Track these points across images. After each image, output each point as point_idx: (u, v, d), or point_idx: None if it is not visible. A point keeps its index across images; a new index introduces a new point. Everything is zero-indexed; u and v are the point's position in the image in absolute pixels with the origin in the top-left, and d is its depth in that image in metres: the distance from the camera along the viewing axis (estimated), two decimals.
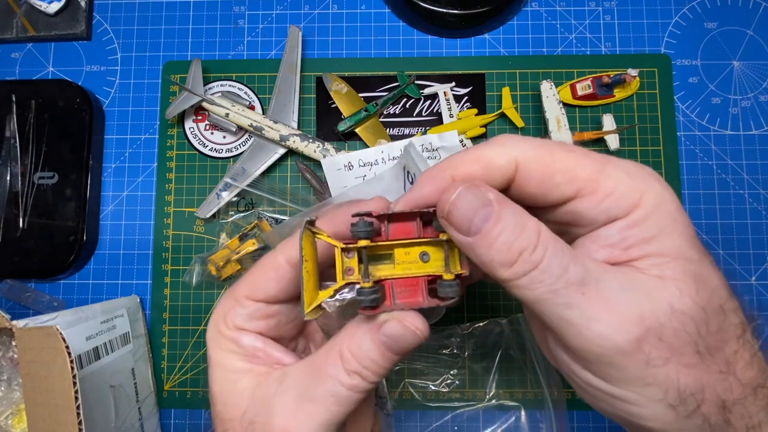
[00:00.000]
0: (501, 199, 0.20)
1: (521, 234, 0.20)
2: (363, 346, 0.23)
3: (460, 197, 0.21)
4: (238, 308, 0.26)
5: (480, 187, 0.21)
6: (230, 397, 0.25)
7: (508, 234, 0.20)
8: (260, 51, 0.52)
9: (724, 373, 0.19)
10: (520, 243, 0.20)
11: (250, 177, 0.48)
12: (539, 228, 0.20)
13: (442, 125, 0.49)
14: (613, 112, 0.49)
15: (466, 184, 0.21)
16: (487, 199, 0.20)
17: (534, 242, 0.20)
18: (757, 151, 0.49)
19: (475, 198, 0.20)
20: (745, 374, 0.20)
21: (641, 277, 0.20)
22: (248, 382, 0.25)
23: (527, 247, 0.20)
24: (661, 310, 0.19)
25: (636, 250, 0.21)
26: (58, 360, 0.32)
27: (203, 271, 0.47)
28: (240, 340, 0.26)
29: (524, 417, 0.46)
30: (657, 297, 0.19)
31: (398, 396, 0.47)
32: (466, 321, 0.47)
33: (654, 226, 0.21)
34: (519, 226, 0.20)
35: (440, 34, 0.52)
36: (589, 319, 0.19)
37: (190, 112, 0.51)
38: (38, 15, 0.52)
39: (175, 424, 0.48)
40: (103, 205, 0.50)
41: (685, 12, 0.51)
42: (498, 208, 0.20)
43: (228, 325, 0.26)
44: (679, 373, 0.19)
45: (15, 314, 0.48)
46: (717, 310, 0.20)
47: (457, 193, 0.21)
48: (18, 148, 0.49)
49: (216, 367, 0.26)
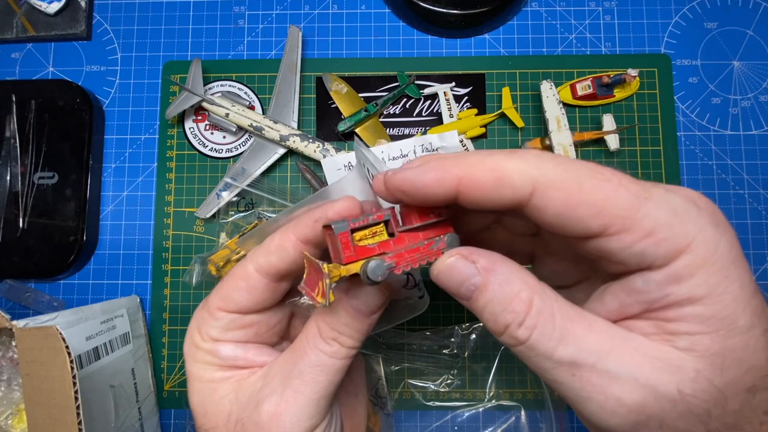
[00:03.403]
0: (489, 268, 0.20)
1: (507, 307, 0.19)
2: (335, 314, 0.24)
3: (448, 267, 0.20)
4: (212, 320, 0.26)
5: (469, 256, 0.20)
6: (210, 407, 0.25)
7: (494, 306, 0.19)
8: (260, 51, 0.52)
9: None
10: (505, 318, 0.19)
11: (250, 177, 0.48)
12: (530, 301, 0.19)
13: (442, 125, 0.49)
14: (613, 112, 0.49)
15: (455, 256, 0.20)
16: (473, 270, 0.20)
17: (520, 318, 0.19)
18: (757, 151, 0.49)
19: (460, 270, 0.20)
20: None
21: (659, 349, 0.18)
22: (228, 388, 0.25)
23: (512, 322, 0.19)
24: (668, 396, 0.17)
25: (674, 311, 0.18)
26: (58, 360, 0.32)
27: (203, 271, 0.47)
28: (218, 351, 0.25)
29: (524, 417, 0.46)
30: (667, 382, 0.17)
31: (398, 396, 0.47)
32: (466, 321, 0.47)
33: (702, 284, 0.17)
34: (505, 299, 0.19)
35: (440, 34, 0.52)
36: (582, 399, 0.18)
37: (190, 112, 0.51)
38: (38, 15, 0.52)
39: (175, 424, 0.48)
40: (103, 205, 0.50)
41: (685, 12, 0.51)
42: (484, 279, 0.19)
43: (203, 338, 0.26)
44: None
45: (15, 314, 0.48)
46: (743, 391, 0.17)
47: (446, 263, 0.20)
48: (18, 148, 0.49)
49: (194, 380, 0.26)
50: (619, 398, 0.18)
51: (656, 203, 0.18)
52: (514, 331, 0.19)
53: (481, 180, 0.19)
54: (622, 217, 0.18)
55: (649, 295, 0.18)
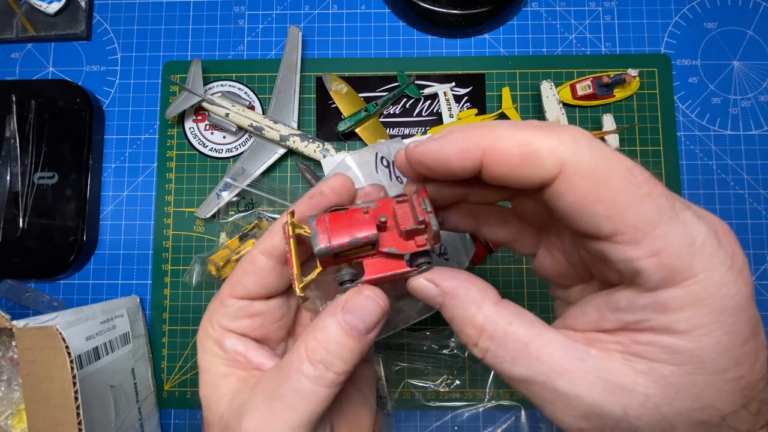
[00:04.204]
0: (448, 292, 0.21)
1: (464, 329, 0.21)
2: (327, 330, 0.22)
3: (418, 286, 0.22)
4: (222, 308, 0.26)
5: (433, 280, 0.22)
6: (212, 402, 0.25)
7: (455, 325, 0.21)
8: (260, 51, 0.52)
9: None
10: (464, 336, 0.21)
11: (250, 177, 0.48)
12: (482, 326, 0.20)
13: (442, 125, 0.49)
14: (613, 112, 0.49)
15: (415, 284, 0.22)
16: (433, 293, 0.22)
17: (474, 341, 0.20)
18: (757, 151, 0.49)
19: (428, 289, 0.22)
20: None
21: (613, 370, 0.18)
22: (228, 387, 0.25)
23: (469, 341, 0.21)
24: (613, 416, 0.18)
25: (646, 336, 0.18)
26: (58, 360, 0.32)
27: (203, 271, 0.47)
28: (223, 342, 0.26)
29: (524, 417, 0.46)
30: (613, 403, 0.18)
31: (398, 396, 0.47)
32: None
33: (686, 321, 0.17)
34: (461, 321, 0.21)
35: (440, 34, 0.52)
36: (536, 405, 0.20)
37: (190, 112, 0.51)
38: (38, 15, 0.52)
39: (175, 424, 0.48)
40: (103, 205, 0.50)
41: (685, 12, 0.51)
42: (443, 301, 0.22)
43: (213, 326, 0.26)
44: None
45: (15, 314, 0.48)
46: (694, 423, 0.17)
47: (416, 283, 0.22)
48: (18, 148, 0.49)
49: (203, 372, 0.26)
50: (566, 412, 0.19)
51: (678, 227, 0.17)
52: (472, 349, 0.21)
53: (507, 154, 0.19)
54: (636, 229, 0.17)
55: (630, 316, 0.18)
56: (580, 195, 0.18)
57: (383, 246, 0.23)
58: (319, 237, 0.22)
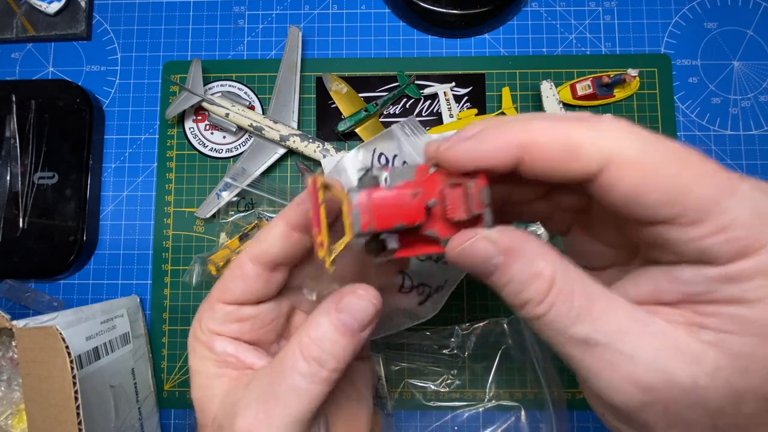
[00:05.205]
0: (511, 250, 0.19)
1: (528, 288, 0.19)
2: (321, 328, 0.23)
3: (465, 252, 0.20)
4: (211, 313, 0.26)
5: (488, 237, 0.19)
6: (204, 403, 0.25)
7: (515, 285, 0.19)
8: (260, 51, 0.52)
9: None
10: (524, 296, 0.19)
11: (250, 177, 0.48)
12: (552, 280, 0.18)
13: (442, 125, 0.49)
14: (613, 113, 0.49)
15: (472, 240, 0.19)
16: (493, 251, 0.19)
17: (541, 296, 0.18)
18: (757, 151, 0.49)
19: (480, 252, 0.19)
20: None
21: (680, 339, 0.17)
22: (220, 387, 0.25)
23: (530, 301, 0.19)
24: (681, 384, 0.17)
25: (713, 307, 0.17)
26: (58, 360, 0.32)
27: (203, 271, 0.47)
28: (213, 345, 0.26)
29: (524, 417, 0.46)
30: (682, 370, 0.17)
31: (398, 396, 0.47)
32: (466, 321, 0.47)
33: (757, 289, 0.16)
34: (529, 278, 0.19)
35: (440, 34, 0.52)
36: (593, 374, 0.18)
37: (190, 112, 0.51)
38: (38, 15, 0.52)
39: (175, 424, 0.48)
40: (103, 205, 0.50)
41: (685, 12, 0.51)
42: (506, 260, 0.19)
43: (203, 330, 0.26)
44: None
45: (15, 314, 0.48)
46: (762, 399, 0.17)
47: (461, 249, 0.20)
48: (18, 148, 0.49)
49: (194, 374, 0.26)
50: (629, 378, 0.17)
51: (740, 200, 0.17)
52: (532, 308, 0.19)
53: (547, 150, 0.18)
54: (697, 209, 0.17)
55: (695, 287, 0.18)
56: (632, 186, 0.17)
57: (425, 228, 0.21)
58: (361, 218, 0.20)
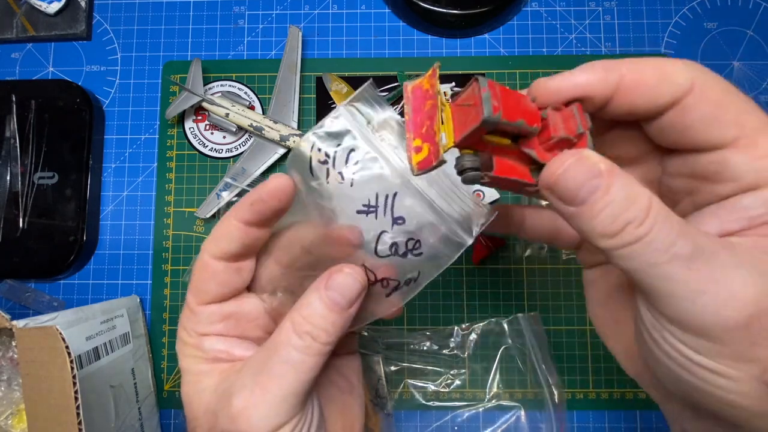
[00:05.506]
0: (612, 171, 0.19)
1: (630, 207, 0.19)
2: (312, 306, 0.24)
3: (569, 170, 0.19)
4: (193, 317, 0.26)
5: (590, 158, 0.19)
6: (194, 397, 0.26)
7: (616, 206, 0.19)
8: (260, 51, 0.52)
9: None
10: (627, 216, 0.18)
11: (250, 177, 0.48)
12: (650, 201, 0.19)
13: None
14: None
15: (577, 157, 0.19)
16: (597, 170, 0.19)
17: (642, 216, 0.18)
18: None
19: (585, 170, 0.19)
20: None
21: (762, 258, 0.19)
22: (210, 380, 0.26)
23: (634, 220, 0.18)
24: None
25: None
26: (58, 360, 0.32)
27: None
28: (202, 345, 0.26)
29: (524, 417, 0.46)
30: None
31: (398, 396, 0.47)
32: (466, 321, 0.47)
33: None
34: (629, 199, 0.19)
35: (440, 34, 0.52)
36: (695, 292, 0.18)
37: (190, 112, 0.51)
38: (38, 15, 0.52)
39: (175, 424, 0.48)
40: (103, 205, 0.50)
41: (685, 12, 0.51)
42: (608, 181, 0.19)
43: (190, 334, 0.27)
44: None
45: (15, 314, 0.48)
46: None
47: (566, 166, 0.19)
48: (18, 148, 0.49)
49: (184, 373, 0.27)
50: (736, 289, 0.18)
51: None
52: (633, 229, 0.18)
53: (644, 77, 0.21)
54: (755, 130, 0.20)
55: (757, 210, 0.19)
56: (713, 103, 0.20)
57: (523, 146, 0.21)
58: (492, 103, 0.19)
